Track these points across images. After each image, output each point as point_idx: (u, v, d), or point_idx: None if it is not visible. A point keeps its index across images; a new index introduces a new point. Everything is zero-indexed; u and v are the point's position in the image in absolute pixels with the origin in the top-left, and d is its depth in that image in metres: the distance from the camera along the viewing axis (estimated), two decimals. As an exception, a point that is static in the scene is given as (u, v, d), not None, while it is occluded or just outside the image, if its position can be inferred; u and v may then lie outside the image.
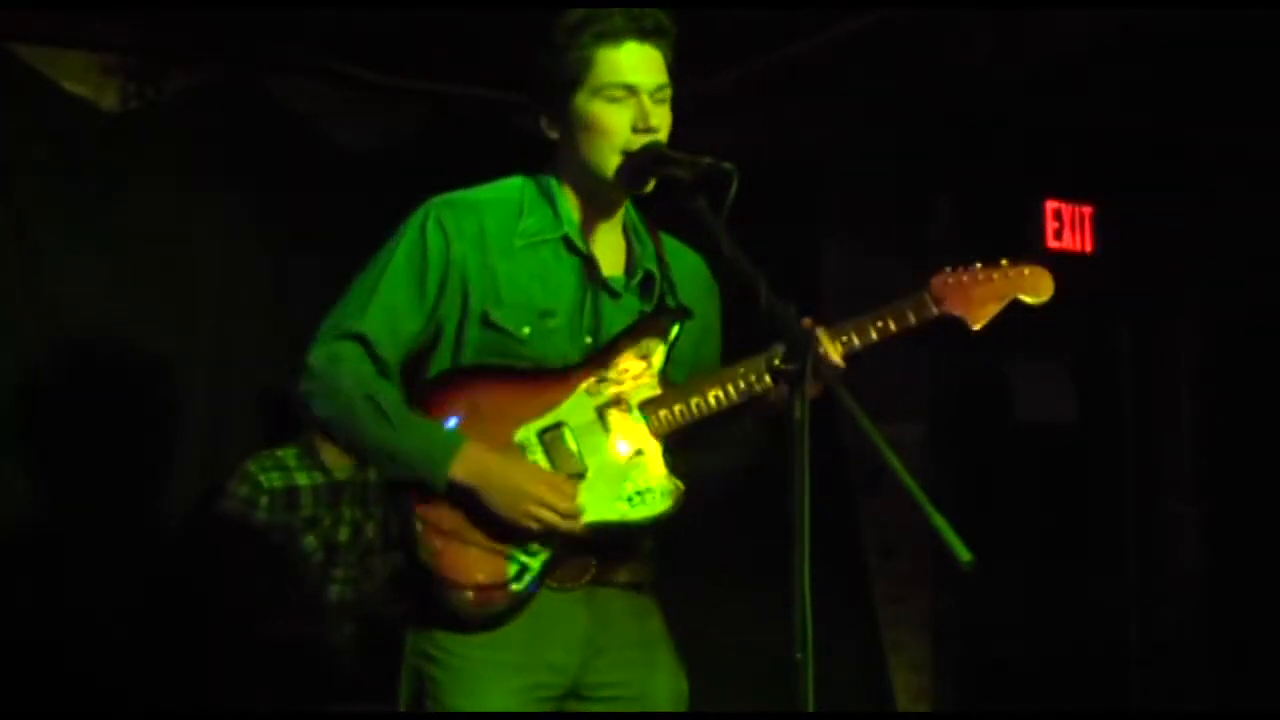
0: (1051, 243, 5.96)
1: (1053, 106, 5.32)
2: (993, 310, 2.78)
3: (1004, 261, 2.82)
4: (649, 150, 2.60)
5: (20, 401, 4.50)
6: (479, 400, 2.63)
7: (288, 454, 4.46)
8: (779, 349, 2.48)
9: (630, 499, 2.61)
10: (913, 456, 5.72)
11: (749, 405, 2.67)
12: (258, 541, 4.35)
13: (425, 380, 2.68)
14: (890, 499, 5.51)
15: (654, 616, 2.77)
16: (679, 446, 2.68)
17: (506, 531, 2.57)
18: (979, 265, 2.79)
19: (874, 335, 2.69)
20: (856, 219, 5.92)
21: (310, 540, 4.39)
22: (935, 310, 2.73)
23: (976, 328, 2.76)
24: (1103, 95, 5.26)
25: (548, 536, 2.57)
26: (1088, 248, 5.99)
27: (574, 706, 2.65)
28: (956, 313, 2.75)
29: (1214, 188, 5.81)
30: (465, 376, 2.64)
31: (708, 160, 2.50)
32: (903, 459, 2.19)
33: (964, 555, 2.12)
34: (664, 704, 2.72)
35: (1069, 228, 5.99)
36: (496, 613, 2.57)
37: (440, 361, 2.67)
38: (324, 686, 4.28)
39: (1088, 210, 6.01)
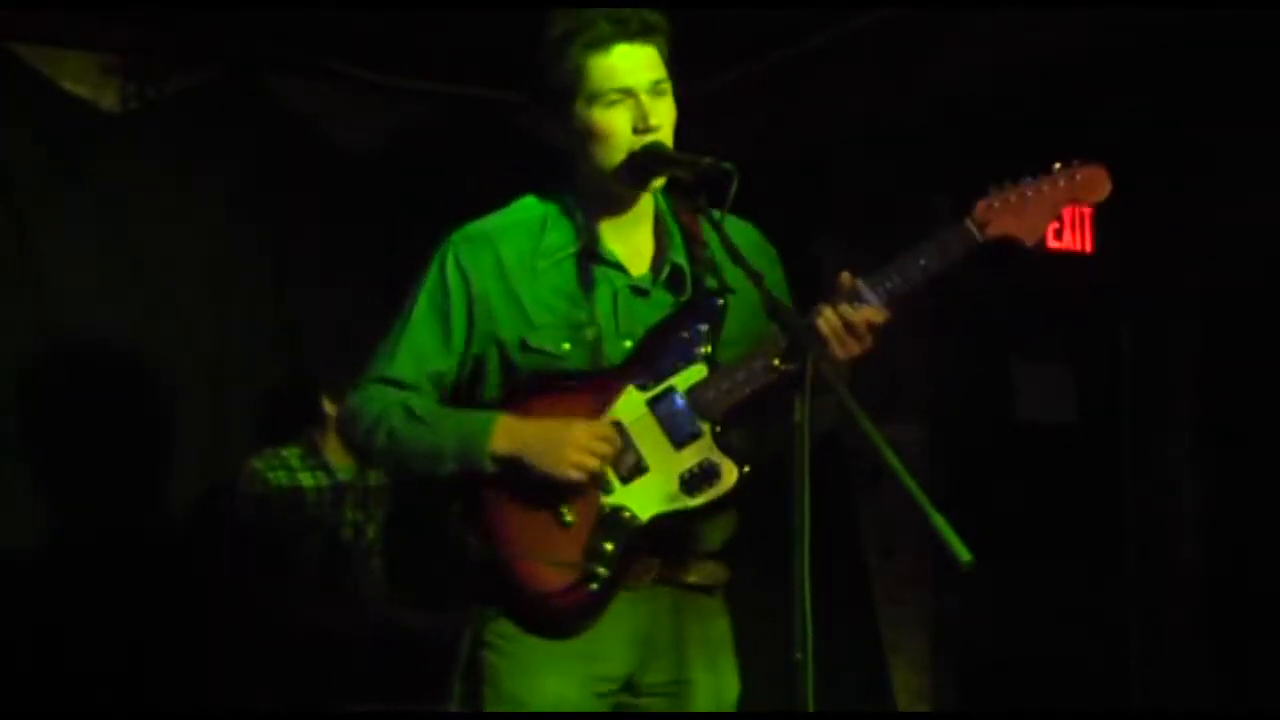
0: (1051, 243, 5.95)
1: (1053, 106, 5.31)
2: (1047, 220, 2.68)
3: (1057, 165, 2.70)
4: (649, 150, 2.60)
5: (20, 401, 4.50)
6: (533, 411, 2.63)
7: (291, 453, 4.46)
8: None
9: (688, 485, 2.60)
10: (913, 456, 5.72)
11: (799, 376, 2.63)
12: (266, 541, 4.35)
13: (481, 403, 2.70)
14: (890, 499, 5.52)
15: (720, 619, 2.77)
16: (735, 424, 2.66)
17: (558, 495, 2.57)
18: (1027, 179, 2.68)
19: (919, 277, 2.64)
20: (856, 219, 5.92)
21: (314, 540, 4.40)
22: (981, 236, 2.65)
23: (1031, 242, 2.66)
24: (1103, 95, 5.26)
25: (612, 526, 2.57)
26: (1088, 248, 5.99)
27: (626, 702, 2.66)
28: (1008, 232, 2.66)
29: (1214, 187, 5.81)
30: (518, 391, 2.66)
31: (708, 160, 2.50)
32: (903, 459, 2.18)
33: (964, 555, 2.11)
34: (716, 708, 2.72)
35: (1069, 228, 5.99)
36: (580, 616, 2.59)
37: (492, 391, 2.69)
38: (326, 686, 4.27)
39: (1088, 210, 6.00)
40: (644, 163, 2.61)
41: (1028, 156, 5.62)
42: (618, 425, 2.61)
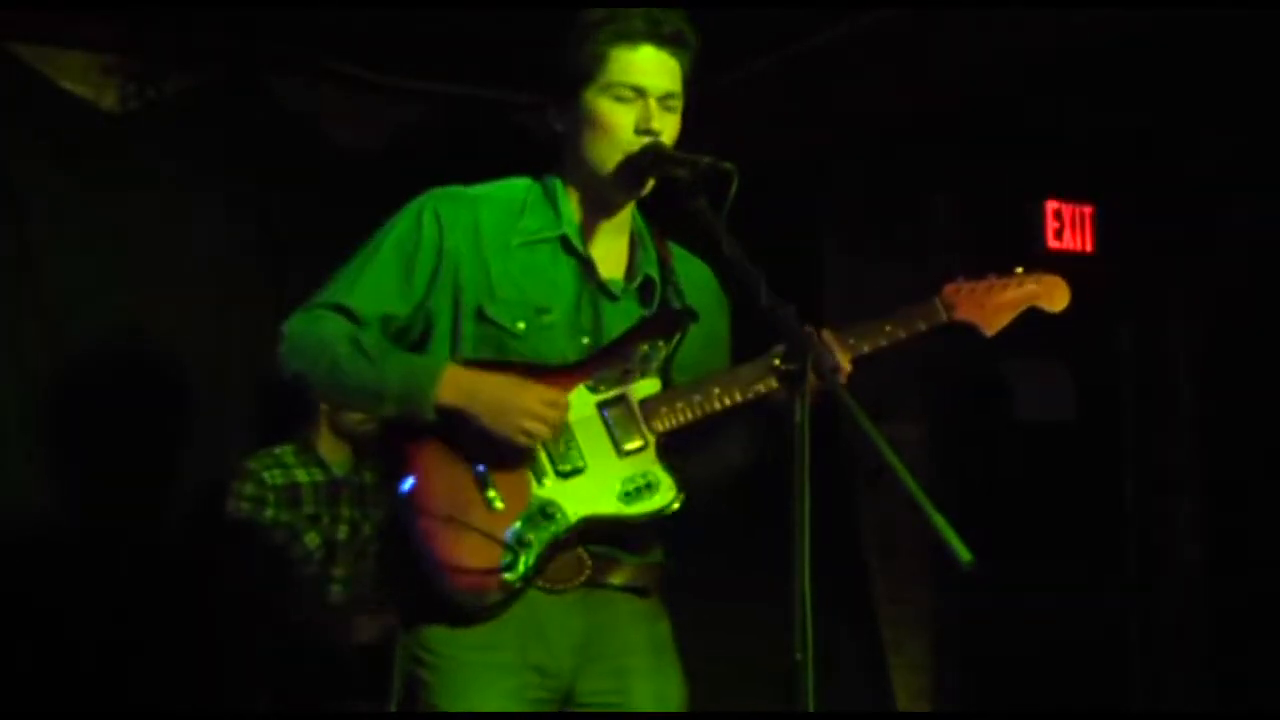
0: (1051, 243, 5.96)
1: (1053, 106, 5.31)
2: (1007, 317, 2.79)
3: (1019, 269, 2.82)
4: (649, 150, 2.61)
5: (21, 401, 4.50)
6: None
7: (285, 451, 4.47)
8: (780, 349, 2.49)
9: (627, 495, 2.61)
10: (913, 456, 5.72)
11: (751, 407, 2.67)
12: (264, 540, 4.35)
13: None
14: (890, 499, 5.52)
15: (657, 622, 2.74)
16: (679, 447, 2.68)
17: (499, 455, 2.55)
18: (993, 275, 2.81)
19: (883, 342, 2.70)
20: (856, 219, 5.92)
21: (312, 538, 4.40)
22: (946, 317, 2.75)
23: (990, 334, 2.77)
24: (1102, 95, 5.26)
25: (540, 519, 2.55)
26: (1088, 248, 5.99)
27: (572, 710, 2.63)
28: (970, 319, 2.76)
29: (1214, 188, 5.81)
30: (468, 364, 2.62)
31: (708, 160, 2.51)
32: (903, 459, 2.18)
33: (964, 555, 2.12)
34: (664, 710, 2.69)
35: (1069, 228, 5.99)
36: (489, 603, 2.54)
37: (438, 355, 2.65)
38: (325, 686, 4.27)
39: (1088, 210, 6.01)
40: (643, 162, 2.61)
41: (1028, 157, 5.64)
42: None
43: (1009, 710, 5.87)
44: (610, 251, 2.74)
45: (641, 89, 2.62)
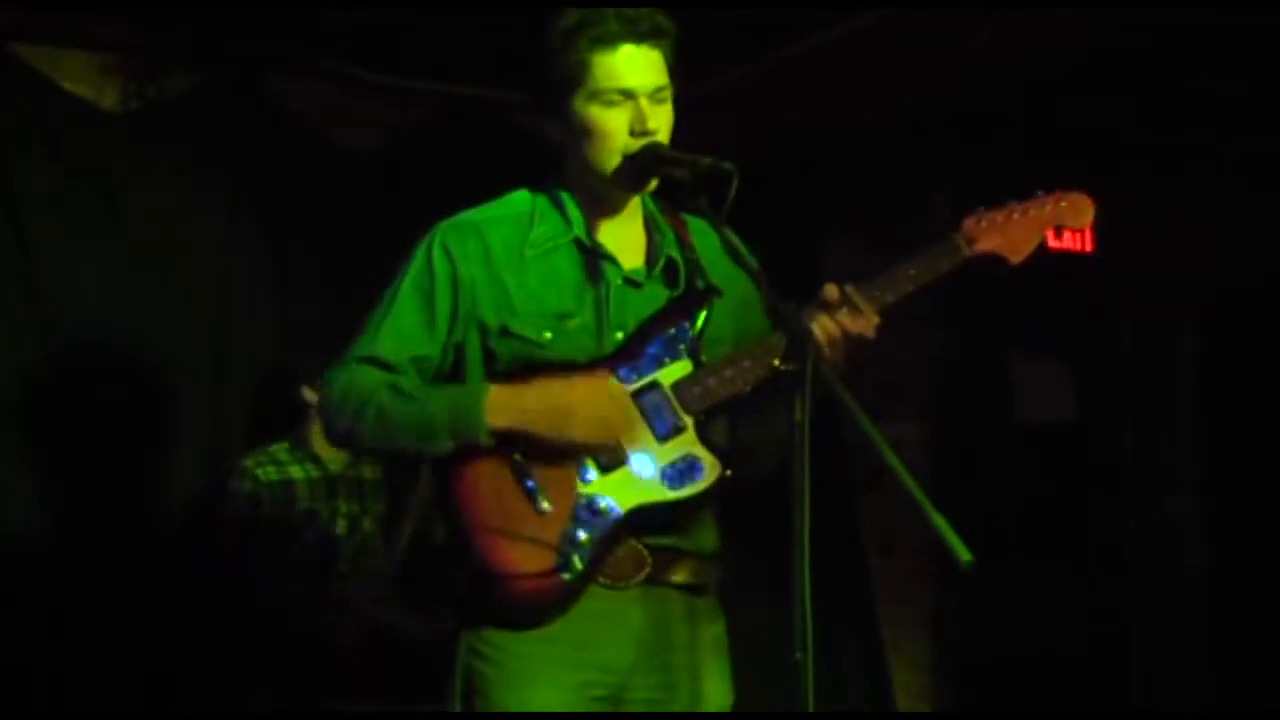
0: (1051, 243, 5.93)
1: (1053, 106, 5.31)
2: (1033, 242, 2.73)
3: (1040, 192, 2.76)
4: (648, 151, 2.60)
5: (21, 401, 4.50)
6: None
7: (279, 449, 4.47)
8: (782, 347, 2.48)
9: (672, 479, 2.59)
10: (913, 456, 5.72)
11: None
12: (261, 538, 4.36)
13: None
14: (890, 499, 5.52)
15: (712, 622, 2.73)
16: (730, 420, 2.67)
17: (542, 458, 2.55)
18: (1012, 201, 2.74)
19: (909, 288, 2.66)
20: (856, 219, 5.92)
21: (309, 534, 4.40)
22: (968, 251, 2.70)
23: (1015, 261, 2.71)
24: (1103, 95, 5.26)
25: (589, 516, 2.55)
26: (1088, 248, 5.98)
27: (616, 708, 2.62)
28: (993, 249, 2.71)
29: (1214, 187, 5.81)
30: (501, 376, 2.62)
31: (708, 160, 2.49)
32: (903, 459, 2.18)
33: (964, 555, 2.11)
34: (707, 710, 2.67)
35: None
36: (549, 604, 2.54)
37: (474, 379, 2.66)
38: (325, 686, 4.27)
39: (1087, 210, 5.99)
40: (643, 163, 2.61)
41: (1027, 156, 5.62)
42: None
43: (1009, 710, 5.87)
44: (626, 242, 2.73)
45: (629, 90, 2.60)
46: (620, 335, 2.65)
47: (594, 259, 2.68)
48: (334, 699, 4.27)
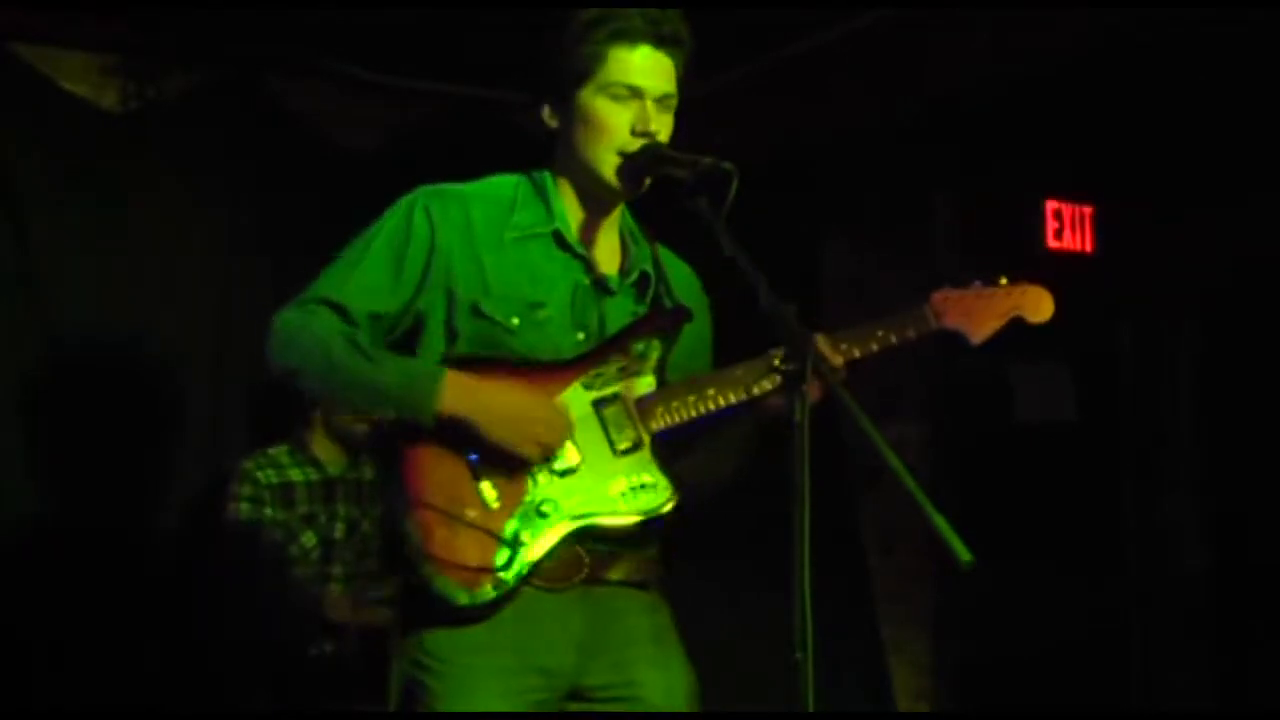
0: (1051, 243, 5.96)
1: (1053, 106, 5.31)
2: (994, 326, 2.82)
3: (1003, 280, 2.86)
4: (648, 150, 2.61)
5: (20, 401, 4.50)
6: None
7: (279, 451, 4.47)
8: (778, 352, 2.49)
9: (623, 494, 2.60)
10: (913, 456, 5.72)
11: (747, 409, 2.67)
12: (261, 541, 4.35)
13: None
14: (890, 499, 5.52)
15: (661, 613, 2.74)
16: (676, 447, 2.68)
17: (496, 455, 2.54)
18: (979, 283, 2.84)
19: (873, 346, 2.73)
20: (856, 219, 5.92)
21: (309, 537, 4.40)
22: (934, 324, 2.77)
23: (976, 342, 2.81)
24: (1103, 95, 5.26)
25: (535, 517, 2.55)
26: (1088, 248, 5.99)
27: (576, 709, 2.63)
28: (957, 327, 2.79)
29: (1214, 188, 5.81)
30: (464, 365, 2.61)
31: (707, 160, 2.51)
32: (903, 459, 2.18)
33: (964, 555, 2.12)
34: (673, 701, 2.68)
35: (1069, 228, 5.99)
36: (481, 601, 2.52)
37: (432, 351, 2.65)
38: (325, 686, 4.27)
39: (1088, 210, 6.01)
40: (643, 162, 2.62)
41: (1027, 156, 5.62)
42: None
43: (1009, 710, 5.87)
44: (605, 247, 2.75)
45: (639, 89, 2.62)
46: (581, 336, 2.66)
47: (571, 256, 2.69)
48: (334, 699, 4.27)
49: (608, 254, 2.75)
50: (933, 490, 2.15)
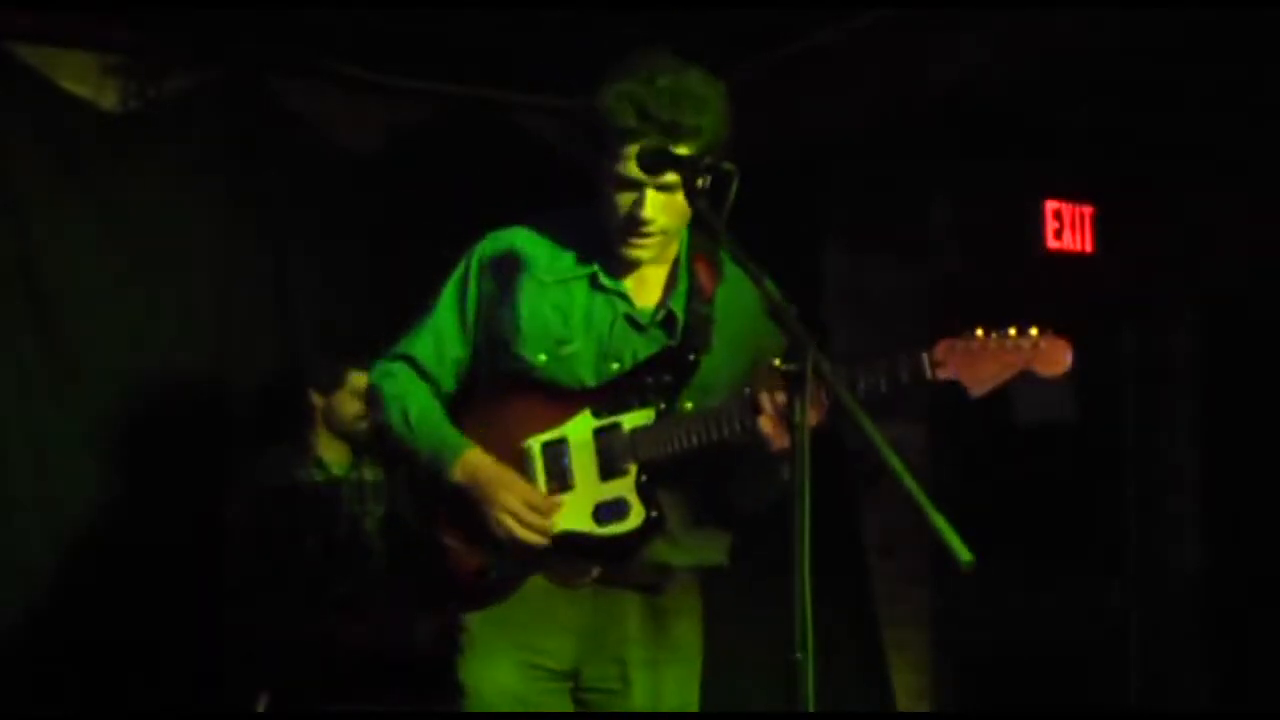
0: (1051, 243, 5.95)
1: (1053, 106, 5.31)
2: (998, 380, 2.61)
3: (1011, 331, 2.61)
4: (650, 149, 2.61)
5: (20, 401, 4.49)
6: (496, 409, 2.88)
7: (283, 452, 4.47)
8: (771, 366, 2.50)
9: (600, 516, 2.80)
10: (913, 456, 5.72)
11: (753, 440, 2.68)
12: (264, 542, 4.35)
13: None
14: (890, 499, 5.52)
15: (671, 617, 2.90)
16: (713, 479, 2.83)
17: (485, 529, 2.82)
18: (993, 334, 2.61)
19: (859, 394, 2.62)
20: (856, 219, 5.92)
21: (312, 538, 4.40)
22: (930, 375, 2.61)
23: (976, 394, 2.61)
24: (1103, 95, 5.26)
25: (515, 544, 2.80)
26: (1088, 248, 5.99)
27: (568, 691, 2.88)
28: (956, 377, 2.61)
29: (1214, 188, 5.81)
30: (490, 388, 2.90)
31: (708, 160, 2.53)
32: (903, 459, 2.18)
33: (964, 556, 2.12)
34: (658, 704, 2.85)
35: (1069, 228, 5.99)
36: (482, 591, 2.86)
37: (481, 374, 2.94)
38: (324, 686, 4.27)
39: (1088, 210, 6.01)
40: (646, 162, 2.63)
41: (1027, 157, 5.62)
42: (564, 442, 2.82)
43: (1009, 710, 5.87)
44: (647, 280, 2.86)
45: (640, 183, 2.69)
46: (616, 366, 2.82)
47: (604, 295, 2.83)
48: (336, 699, 4.27)
49: (651, 287, 2.87)
50: (933, 490, 2.15)
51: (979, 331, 2.62)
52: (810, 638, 2.16)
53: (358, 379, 4.33)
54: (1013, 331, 2.60)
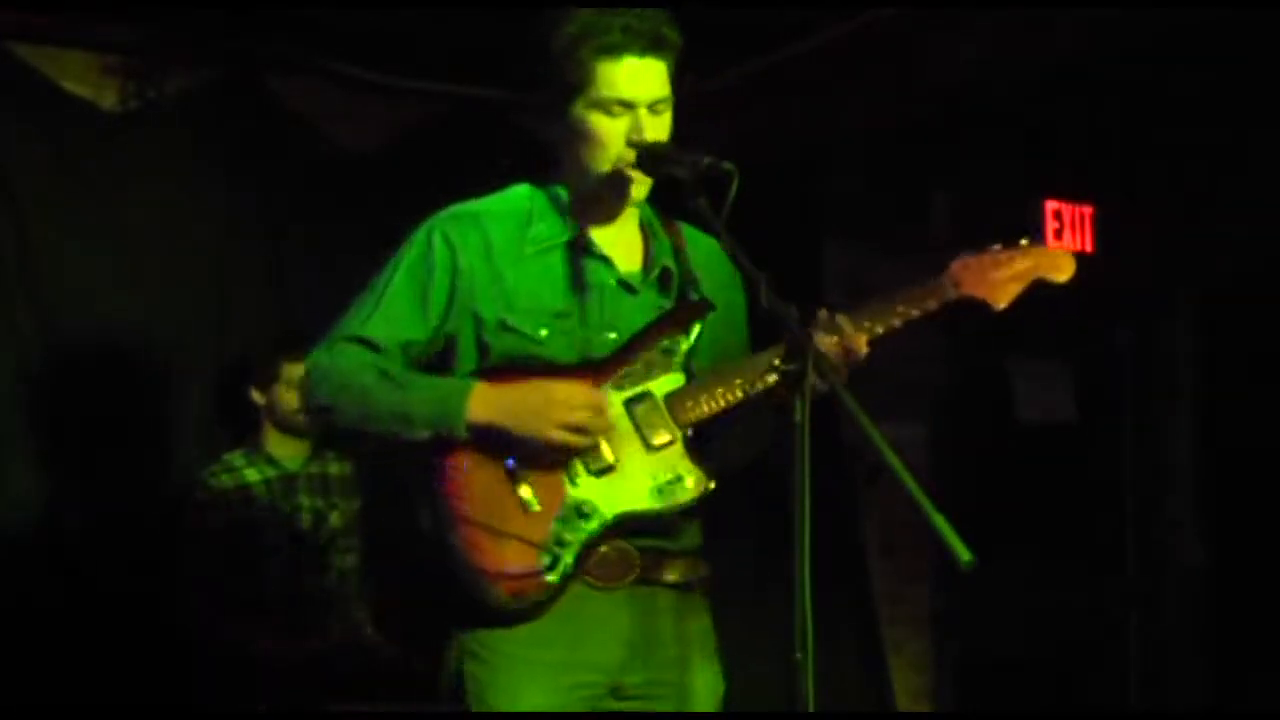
0: (1051, 243, 5.95)
1: (1053, 106, 5.31)
2: (1015, 290, 2.78)
3: (1023, 241, 2.81)
4: (649, 150, 2.61)
5: (20, 401, 4.49)
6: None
7: (234, 456, 4.48)
8: (779, 350, 2.49)
9: (660, 490, 2.63)
10: (913, 456, 5.72)
11: (776, 395, 2.64)
12: (223, 545, 4.35)
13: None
14: (890, 499, 5.52)
15: (698, 616, 2.76)
16: (704, 436, 2.70)
17: (533, 459, 2.58)
18: (999, 246, 2.80)
19: (896, 322, 2.70)
20: (856, 219, 5.92)
21: (271, 533, 4.40)
22: (955, 294, 2.74)
23: (1000, 307, 2.77)
24: (1103, 95, 5.26)
25: (575, 519, 2.58)
26: (1088, 248, 5.99)
27: (610, 706, 2.66)
28: (978, 294, 2.76)
29: (1213, 188, 5.80)
30: (495, 374, 2.66)
31: (708, 160, 2.51)
32: (903, 459, 2.19)
33: (964, 555, 2.12)
34: (698, 705, 2.72)
35: (1069, 228, 5.98)
36: (530, 604, 2.58)
37: (465, 369, 2.70)
38: (311, 685, 4.26)
39: (1088, 210, 6.00)
40: (644, 162, 2.62)
41: (1027, 156, 5.62)
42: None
43: (1009, 710, 5.87)
44: (623, 246, 2.76)
45: (629, 101, 2.62)
46: (613, 336, 2.69)
47: (592, 260, 2.71)
48: (330, 699, 4.26)
49: (629, 252, 2.76)
50: (933, 490, 2.15)
51: (993, 247, 2.79)
52: (810, 638, 2.17)
53: (292, 370, 4.26)
54: (1024, 241, 2.80)
